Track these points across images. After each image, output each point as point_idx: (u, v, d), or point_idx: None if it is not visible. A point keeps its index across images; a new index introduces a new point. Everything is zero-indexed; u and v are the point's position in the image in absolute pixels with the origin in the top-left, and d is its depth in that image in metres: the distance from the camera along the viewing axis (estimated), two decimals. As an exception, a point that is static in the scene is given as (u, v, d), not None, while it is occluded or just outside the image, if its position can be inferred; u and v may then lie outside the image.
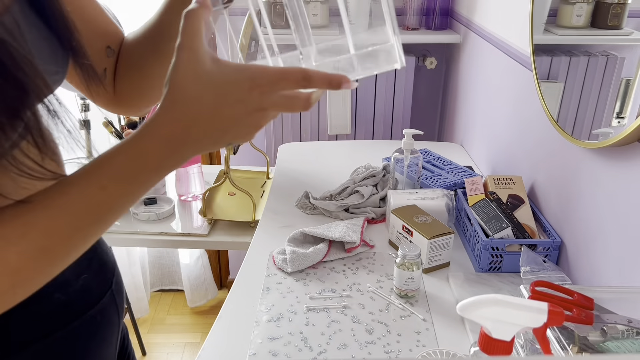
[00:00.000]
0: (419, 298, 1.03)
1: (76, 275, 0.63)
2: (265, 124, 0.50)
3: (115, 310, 0.70)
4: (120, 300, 0.72)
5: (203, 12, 0.47)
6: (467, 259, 1.17)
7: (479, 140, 1.65)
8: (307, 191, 1.38)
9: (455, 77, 1.97)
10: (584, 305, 0.71)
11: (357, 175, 1.41)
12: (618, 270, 0.90)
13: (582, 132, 1.01)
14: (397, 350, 0.90)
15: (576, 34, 1.08)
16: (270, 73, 0.47)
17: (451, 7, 1.99)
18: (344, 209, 1.32)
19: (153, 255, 2.45)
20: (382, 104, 2.04)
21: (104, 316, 0.67)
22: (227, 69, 0.47)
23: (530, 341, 0.72)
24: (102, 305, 0.67)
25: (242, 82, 0.46)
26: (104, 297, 0.67)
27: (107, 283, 0.69)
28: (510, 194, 1.20)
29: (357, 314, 0.99)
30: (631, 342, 0.67)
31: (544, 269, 1.01)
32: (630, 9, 0.94)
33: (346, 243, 1.15)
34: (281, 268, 1.11)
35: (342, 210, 1.32)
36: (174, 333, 2.32)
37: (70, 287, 0.61)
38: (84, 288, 0.63)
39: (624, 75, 0.91)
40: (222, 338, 0.93)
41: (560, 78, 1.11)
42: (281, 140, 2.09)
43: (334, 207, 1.31)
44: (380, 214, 1.32)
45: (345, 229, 1.19)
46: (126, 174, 0.47)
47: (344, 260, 1.15)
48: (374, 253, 1.18)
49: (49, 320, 0.60)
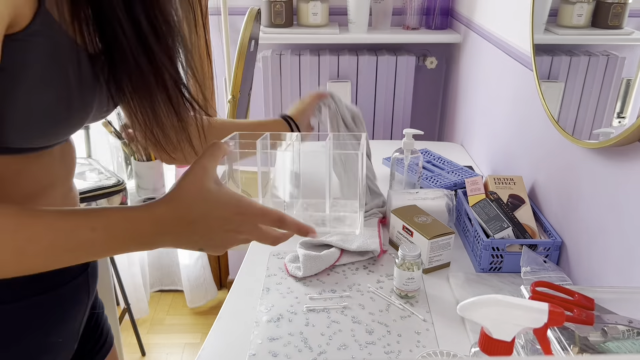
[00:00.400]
0: (419, 298, 1.03)
1: None
2: (234, 245, 0.60)
3: (86, 290, 0.74)
4: (93, 282, 0.77)
5: (225, 149, 0.62)
6: (467, 259, 1.17)
7: (480, 140, 1.65)
8: None
9: (455, 77, 1.97)
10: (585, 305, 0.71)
11: None
12: (619, 270, 0.90)
13: (582, 132, 1.01)
14: (397, 350, 0.90)
15: (577, 34, 1.08)
16: (255, 207, 0.59)
17: (451, 6, 1.99)
18: None
19: (153, 255, 2.45)
20: (382, 104, 2.03)
21: (73, 295, 0.72)
22: (223, 192, 0.59)
23: (531, 341, 0.71)
24: (74, 285, 0.71)
25: (231, 206, 0.58)
26: (77, 279, 0.71)
27: (84, 267, 0.73)
28: (511, 194, 1.19)
29: (357, 315, 0.99)
30: (632, 343, 0.67)
31: (544, 269, 1.01)
32: (630, 8, 0.93)
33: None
34: (294, 275, 1.09)
35: None
36: (174, 333, 2.31)
37: None
38: (60, 268, 0.66)
39: (625, 75, 0.91)
40: (222, 338, 0.93)
41: (561, 78, 1.11)
42: (281, 140, 2.09)
43: None
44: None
45: (362, 236, 1.17)
46: (115, 227, 0.55)
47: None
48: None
49: (19, 288, 0.64)
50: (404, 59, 1.97)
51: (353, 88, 2.00)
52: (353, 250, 1.13)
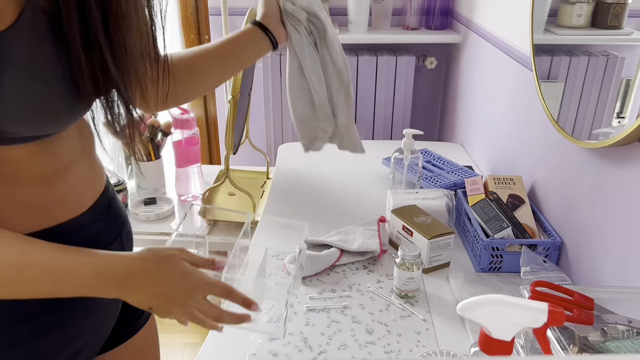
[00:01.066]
0: (419, 298, 1.03)
1: (92, 221, 0.71)
2: (179, 313, 0.67)
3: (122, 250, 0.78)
4: (129, 248, 0.81)
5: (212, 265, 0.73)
6: (467, 259, 1.17)
7: (479, 140, 1.65)
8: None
9: (455, 77, 1.97)
10: (584, 305, 0.71)
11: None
12: (618, 270, 0.90)
13: (582, 132, 1.01)
14: (397, 350, 0.90)
15: (576, 34, 1.08)
16: (212, 281, 0.68)
17: (451, 7, 1.99)
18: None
19: (153, 255, 2.45)
20: (382, 104, 2.03)
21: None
22: (194, 270, 0.68)
23: (531, 341, 0.72)
24: (111, 249, 0.72)
25: (191, 276, 0.67)
26: (112, 244, 0.75)
27: (117, 232, 0.77)
28: (511, 194, 1.20)
29: (357, 314, 0.99)
30: (631, 342, 0.67)
31: (544, 269, 1.01)
32: (630, 8, 0.93)
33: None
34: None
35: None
36: (174, 333, 2.31)
37: (85, 230, 0.69)
38: (96, 233, 0.72)
39: (624, 75, 0.91)
40: (222, 338, 0.93)
41: (561, 78, 1.11)
42: (281, 140, 2.09)
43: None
44: None
45: (362, 236, 1.18)
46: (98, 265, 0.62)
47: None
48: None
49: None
50: (403, 59, 1.97)
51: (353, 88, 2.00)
52: (353, 250, 1.13)
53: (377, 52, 2.01)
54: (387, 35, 1.95)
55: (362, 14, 1.91)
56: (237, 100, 1.44)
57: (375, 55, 1.97)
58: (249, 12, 1.43)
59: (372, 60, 1.96)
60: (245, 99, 1.59)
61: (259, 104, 2.10)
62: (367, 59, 1.96)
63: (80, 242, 0.64)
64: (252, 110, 2.09)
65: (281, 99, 2.02)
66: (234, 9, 2.00)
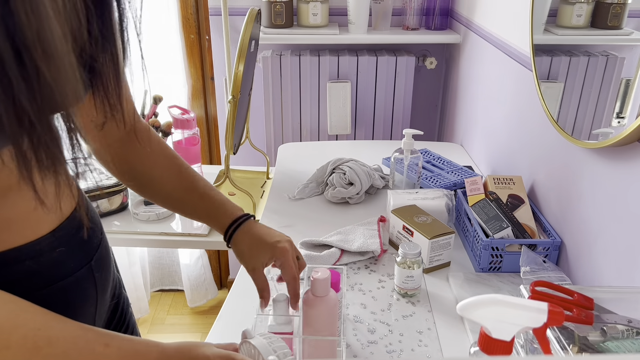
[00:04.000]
0: (421, 298, 1.03)
1: (51, 248, 0.66)
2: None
3: (92, 284, 0.73)
4: (103, 277, 0.76)
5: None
6: (467, 259, 1.17)
7: (479, 140, 1.65)
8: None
9: (455, 77, 1.97)
10: (584, 305, 0.71)
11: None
12: (618, 270, 0.90)
13: (582, 132, 1.01)
14: (399, 350, 0.90)
15: (576, 34, 1.08)
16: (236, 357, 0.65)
17: (451, 7, 1.99)
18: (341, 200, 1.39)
19: (153, 255, 2.45)
20: (382, 104, 2.04)
21: (77, 289, 0.70)
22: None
23: (530, 341, 0.72)
24: (75, 279, 0.69)
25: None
26: (78, 271, 0.70)
27: (86, 259, 0.72)
28: (510, 194, 1.20)
29: (359, 314, 0.99)
30: (631, 342, 0.67)
31: (543, 269, 1.01)
32: (630, 9, 0.94)
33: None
34: None
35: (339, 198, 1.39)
36: (174, 333, 2.32)
37: (43, 257, 0.65)
38: (57, 260, 0.66)
39: (624, 75, 0.91)
40: (222, 338, 0.93)
41: (560, 78, 1.11)
42: (281, 140, 2.09)
43: (330, 197, 1.39)
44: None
45: (362, 236, 1.18)
46: (125, 349, 0.60)
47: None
48: (374, 253, 1.18)
49: (17, 285, 0.62)
50: (403, 59, 1.97)
51: (353, 88, 2.00)
52: (354, 250, 1.13)
53: (377, 52, 2.01)
54: (387, 36, 1.95)
55: (362, 14, 1.91)
56: (238, 100, 1.44)
57: (375, 55, 1.98)
58: (249, 13, 1.43)
59: (372, 61, 1.97)
60: (245, 99, 1.60)
61: (259, 104, 2.10)
62: (367, 59, 1.96)
63: (36, 269, 0.60)
64: (252, 110, 2.09)
65: (281, 99, 2.03)
66: (234, 9, 2.00)
